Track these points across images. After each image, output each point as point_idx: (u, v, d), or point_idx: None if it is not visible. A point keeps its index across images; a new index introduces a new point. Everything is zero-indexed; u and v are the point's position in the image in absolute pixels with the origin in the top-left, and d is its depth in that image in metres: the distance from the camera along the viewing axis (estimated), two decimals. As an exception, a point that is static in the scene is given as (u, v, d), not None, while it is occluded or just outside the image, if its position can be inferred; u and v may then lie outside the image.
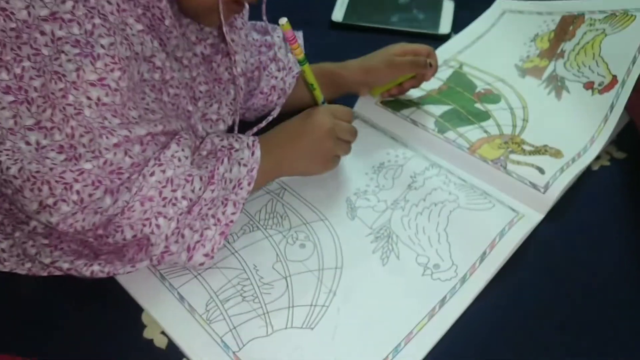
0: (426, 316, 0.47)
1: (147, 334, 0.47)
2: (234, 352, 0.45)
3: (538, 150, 0.60)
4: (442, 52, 0.76)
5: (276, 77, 0.64)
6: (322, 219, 0.55)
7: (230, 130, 0.60)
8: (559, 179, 0.56)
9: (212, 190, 0.47)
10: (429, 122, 0.64)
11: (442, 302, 0.48)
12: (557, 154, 0.59)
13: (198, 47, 0.55)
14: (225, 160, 0.49)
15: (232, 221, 0.48)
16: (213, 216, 0.47)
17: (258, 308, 0.48)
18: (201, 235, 0.47)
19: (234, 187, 0.49)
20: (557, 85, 0.68)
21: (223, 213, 0.48)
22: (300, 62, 0.55)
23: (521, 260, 0.52)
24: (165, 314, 0.48)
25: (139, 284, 0.50)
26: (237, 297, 0.49)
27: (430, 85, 0.70)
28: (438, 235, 0.53)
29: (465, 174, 0.59)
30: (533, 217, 0.55)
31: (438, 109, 0.65)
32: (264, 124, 0.64)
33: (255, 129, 0.64)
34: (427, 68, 0.63)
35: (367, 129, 0.66)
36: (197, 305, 0.48)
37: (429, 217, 0.55)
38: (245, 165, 0.49)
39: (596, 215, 0.57)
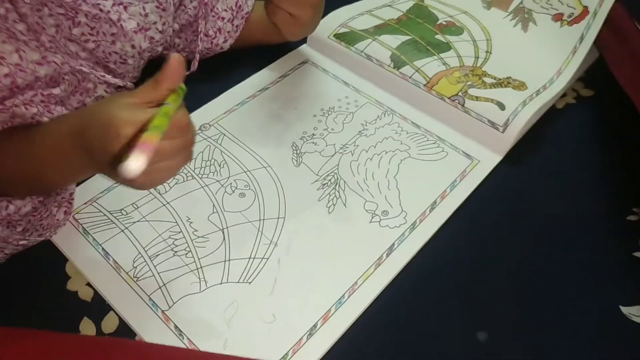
0: (372, 265, 0.44)
1: (72, 285, 0.43)
2: (162, 311, 0.41)
3: (500, 83, 0.55)
4: (404, -17, 0.70)
5: (223, 18, 0.57)
6: (264, 166, 0.51)
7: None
8: (520, 114, 0.52)
9: None
10: (384, 57, 0.58)
11: (390, 250, 0.45)
12: (520, 86, 0.55)
13: None
14: None
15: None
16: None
17: (191, 263, 0.44)
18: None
19: None
20: (524, 17, 0.62)
21: None
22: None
23: (475, 205, 0.48)
24: (89, 269, 0.43)
25: (62, 233, 0.45)
26: (168, 252, 0.44)
27: (389, 15, 0.64)
28: (388, 181, 0.49)
29: (420, 117, 0.55)
30: (490, 160, 0.51)
31: (395, 40, 0.60)
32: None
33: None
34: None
35: (318, 74, 0.60)
36: (123, 262, 0.44)
37: (379, 163, 0.51)
38: None
39: (559, 157, 0.53)
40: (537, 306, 0.42)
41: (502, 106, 0.52)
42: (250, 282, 0.43)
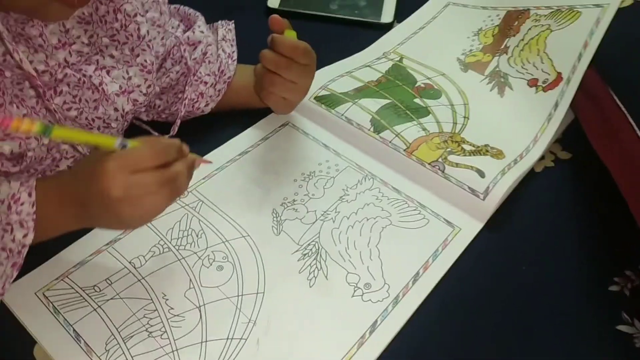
0: (355, 344, 0.43)
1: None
2: (135, 400, 0.39)
3: (479, 150, 0.56)
4: (382, 44, 0.71)
5: (206, 83, 0.57)
6: (243, 235, 0.50)
7: None
8: (500, 183, 0.52)
9: None
10: (364, 120, 0.59)
11: (373, 327, 0.44)
12: (498, 154, 0.55)
13: (61, 53, 0.45)
14: None
15: (24, 246, 0.39)
16: (3, 249, 0.39)
17: (166, 345, 0.42)
18: None
19: (8, 207, 0.39)
20: (500, 81, 0.64)
21: (12, 240, 0.39)
22: None
23: (457, 273, 0.48)
24: (59, 353, 0.41)
25: (31, 313, 0.43)
26: (143, 333, 0.43)
27: (369, 76, 0.65)
28: (370, 251, 0.49)
29: (400, 181, 0.55)
30: (471, 227, 0.51)
31: (375, 104, 0.60)
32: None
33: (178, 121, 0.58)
34: None
35: (298, 136, 0.60)
36: (95, 344, 0.42)
37: (361, 231, 0.50)
38: (16, 181, 0.40)
39: (539, 223, 0.53)
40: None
41: (482, 174, 0.53)
42: (228, 366, 0.41)
